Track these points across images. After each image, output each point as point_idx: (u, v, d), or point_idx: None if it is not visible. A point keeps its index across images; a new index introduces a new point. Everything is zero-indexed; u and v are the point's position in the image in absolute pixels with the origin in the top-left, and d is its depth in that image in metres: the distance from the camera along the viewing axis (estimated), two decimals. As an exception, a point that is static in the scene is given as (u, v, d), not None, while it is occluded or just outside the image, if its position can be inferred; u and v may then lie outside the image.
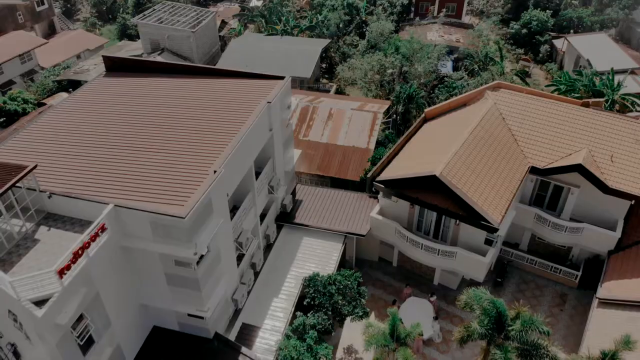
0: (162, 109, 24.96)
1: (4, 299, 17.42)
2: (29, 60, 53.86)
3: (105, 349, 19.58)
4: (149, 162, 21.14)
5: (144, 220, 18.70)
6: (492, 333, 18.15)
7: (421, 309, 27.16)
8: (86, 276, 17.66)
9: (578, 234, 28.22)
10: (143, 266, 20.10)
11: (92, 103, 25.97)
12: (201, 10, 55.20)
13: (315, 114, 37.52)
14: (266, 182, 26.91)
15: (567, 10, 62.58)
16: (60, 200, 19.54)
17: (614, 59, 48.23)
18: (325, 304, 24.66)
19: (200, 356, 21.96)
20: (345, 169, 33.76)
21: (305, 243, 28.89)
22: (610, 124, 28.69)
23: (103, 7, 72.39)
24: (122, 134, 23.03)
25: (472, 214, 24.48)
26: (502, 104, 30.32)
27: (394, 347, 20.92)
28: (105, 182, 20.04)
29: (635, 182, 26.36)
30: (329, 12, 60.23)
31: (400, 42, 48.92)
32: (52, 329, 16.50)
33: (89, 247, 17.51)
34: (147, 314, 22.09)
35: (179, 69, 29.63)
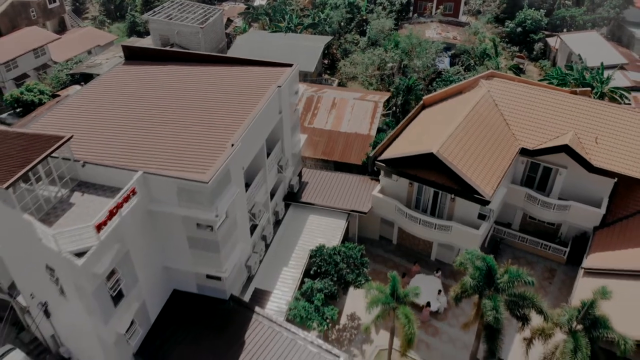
0: (182, 91, 27.07)
1: (44, 254, 19.47)
2: (42, 54, 55.95)
3: (133, 304, 21.58)
4: (173, 136, 23.23)
5: (170, 186, 20.76)
6: (483, 285, 20.20)
7: (428, 284, 29.09)
8: (119, 234, 19.67)
9: (565, 211, 30.35)
10: (167, 230, 22.10)
11: (116, 86, 28.06)
12: (209, 8, 57.37)
13: (319, 103, 39.66)
14: (275, 161, 29.01)
15: (560, 9, 64.86)
16: (92, 169, 21.59)
17: (604, 55, 50.42)
18: (331, 272, 26.73)
19: (216, 316, 23.95)
20: (348, 153, 35.87)
21: (311, 220, 30.96)
22: (595, 109, 30.88)
23: (111, 5, 74.56)
24: (147, 112, 25.14)
25: (466, 189, 26.60)
26: (495, 91, 32.49)
27: (394, 305, 22.93)
28: (133, 153, 22.10)
29: (617, 161, 28.48)
30: (331, 10, 62.48)
31: (400, 38, 51.17)
32: (90, 278, 18.50)
33: (122, 207, 19.56)
34: (168, 276, 24.08)
35: (194, 57, 31.66)
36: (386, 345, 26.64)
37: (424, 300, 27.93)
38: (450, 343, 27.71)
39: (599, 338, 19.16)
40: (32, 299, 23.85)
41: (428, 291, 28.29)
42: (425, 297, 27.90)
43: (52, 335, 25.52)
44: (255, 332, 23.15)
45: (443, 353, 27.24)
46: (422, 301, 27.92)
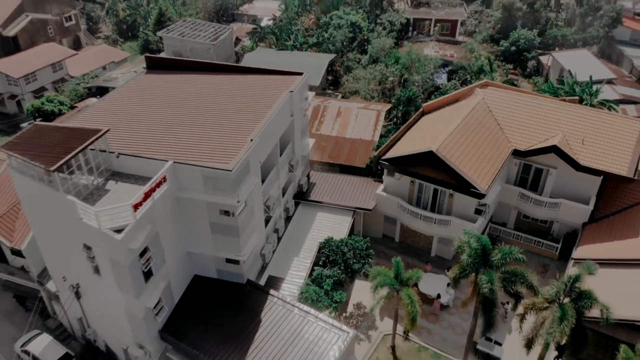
0: (202, 95, 29.64)
1: (83, 233, 21.64)
2: (60, 69, 58.84)
3: (160, 283, 23.64)
4: (198, 132, 25.68)
5: (197, 174, 23.08)
6: (479, 263, 22.31)
7: (438, 281, 31.21)
8: (151, 215, 21.89)
9: (556, 209, 32.61)
10: (192, 216, 24.30)
11: (142, 90, 30.64)
12: (219, 27, 60.61)
13: (325, 112, 42.30)
14: (287, 160, 31.41)
15: (552, 29, 68.28)
16: (126, 160, 23.93)
17: (593, 71, 53.34)
18: (339, 261, 28.87)
19: (235, 298, 25.96)
20: (353, 157, 38.28)
21: (320, 217, 33.18)
22: (582, 114, 33.47)
23: (124, 25, 78.01)
24: (173, 112, 27.64)
25: (463, 184, 28.92)
26: (489, 98, 35.11)
27: (397, 287, 25.00)
28: (162, 146, 24.47)
29: (602, 160, 30.89)
30: (334, 30, 65.75)
31: (400, 54, 54.19)
32: (126, 252, 20.64)
33: (155, 191, 21.83)
34: (190, 262, 26.16)
35: (211, 67, 34.32)
36: (390, 331, 28.63)
37: (434, 292, 30.03)
38: (450, 329, 29.64)
39: (584, 308, 21.18)
40: (64, 282, 25.87)
41: (438, 286, 30.62)
42: (436, 290, 30.10)
43: (80, 319, 27.45)
44: (270, 311, 25.15)
45: (443, 337, 29.14)
46: (433, 293, 30.03)
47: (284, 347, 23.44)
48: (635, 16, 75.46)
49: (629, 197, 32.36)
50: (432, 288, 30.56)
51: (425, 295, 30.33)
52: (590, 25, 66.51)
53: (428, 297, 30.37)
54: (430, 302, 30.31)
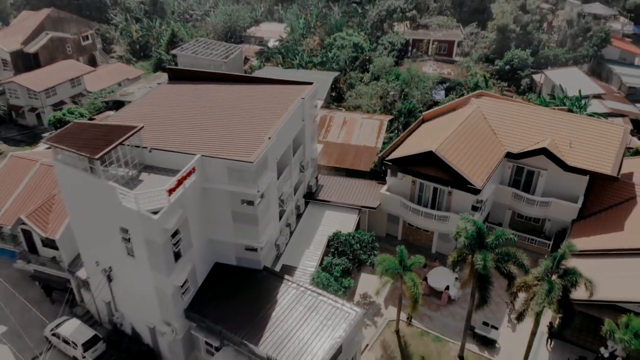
0: (223, 100, 32.55)
1: (119, 217, 24.19)
2: (78, 84, 62.08)
3: (187, 265, 26.05)
4: (221, 131, 28.50)
5: (222, 167, 25.76)
6: (475, 244, 24.79)
7: (446, 275, 33.50)
8: (182, 201, 24.48)
9: (547, 207, 35.21)
10: (216, 205, 26.86)
11: (167, 96, 33.54)
12: (230, 46, 64.22)
13: (332, 121, 45.28)
14: (298, 161, 34.16)
15: (544, 49, 71.99)
16: (157, 154, 26.66)
17: (583, 87, 56.72)
18: (347, 252, 31.36)
19: (252, 282, 28.30)
20: (358, 161, 41.06)
21: (328, 214, 35.75)
22: (569, 120, 36.42)
23: (136, 46, 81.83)
24: (197, 114, 30.53)
25: (460, 181, 31.60)
26: (484, 107, 38.10)
27: (401, 271, 27.41)
28: (190, 143, 27.21)
29: (587, 161, 33.65)
30: (338, 50, 69.37)
31: (400, 71, 57.55)
32: (161, 232, 23.17)
33: (186, 179, 24.48)
34: (212, 249, 28.58)
35: (228, 77, 37.32)
36: (394, 317, 30.89)
37: (443, 285, 32.41)
38: (450, 317, 31.90)
39: (570, 283, 23.57)
40: (96, 267, 28.24)
41: (446, 280, 33.00)
42: (444, 282, 32.52)
43: (108, 303, 29.69)
44: (285, 293, 27.48)
45: (444, 324, 31.39)
46: (442, 286, 32.38)
47: (298, 323, 25.69)
48: (624, 37, 79.72)
49: (614, 196, 35.00)
50: (441, 282, 32.87)
51: (434, 289, 32.73)
52: (581, 45, 70.24)
53: (437, 290, 32.72)
54: (438, 296, 32.65)
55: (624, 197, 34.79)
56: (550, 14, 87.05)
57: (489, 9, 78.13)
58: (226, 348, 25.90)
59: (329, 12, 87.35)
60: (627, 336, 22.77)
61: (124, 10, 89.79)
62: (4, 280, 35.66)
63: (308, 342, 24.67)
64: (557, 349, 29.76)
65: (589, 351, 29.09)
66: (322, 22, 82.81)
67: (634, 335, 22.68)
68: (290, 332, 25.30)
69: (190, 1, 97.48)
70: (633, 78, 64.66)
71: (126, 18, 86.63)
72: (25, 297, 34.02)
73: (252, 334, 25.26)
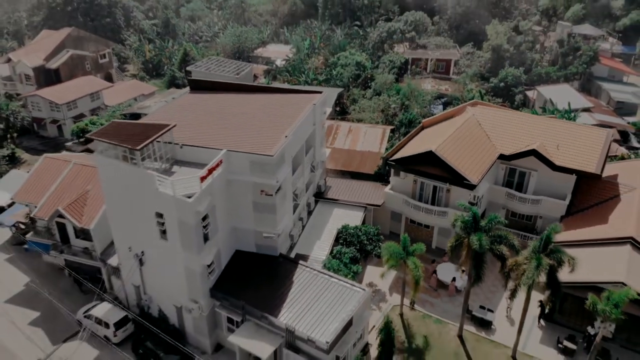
0: (243, 106, 35.97)
1: (155, 202, 27.27)
2: (97, 99, 65.85)
3: (213, 248, 29.03)
4: (242, 131, 31.82)
5: (245, 160, 28.98)
6: (470, 228, 27.81)
7: (453, 269, 36.29)
8: (211, 189, 27.62)
9: (538, 205, 38.28)
10: (239, 195, 29.96)
11: (190, 103, 36.98)
12: (241, 63, 68.10)
13: (338, 130, 48.74)
14: (310, 161, 37.39)
15: (537, 68, 76.10)
16: (187, 150, 29.90)
17: (572, 100, 60.46)
18: (354, 242, 34.36)
19: (270, 267, 31.19)
20: (363, 165, 44.31)
21: (336, 211, 38.80)
22: (557, 125, 39.89)
23: (149, 64, 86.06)
24: (219, 117, 33.94)
25: (457, 177, 34.80)
26: (479, 114, 41.56)
27: (404, 256, 30.34)
28: (216, 140, 30.48)
29: (574, 162, 36.88)
30: (342, 68, 73.40)
31: (401, 87, 61.36)
32: (194, 214, 26.27)
33: (214, 170, 27.68)
34: (234, 237, 31.55)
35: (244, 87, 40.85)
36: (399, 303, 33.67)
37: (450, 277, 35.29)
38: (450, 303, 34.68)
39: (556, 260, 26.50)
40: (129, 252, 31.16)
41: (453, 272, 35.91)
42: (451, 275, 35.44)
43: (138, 287, 32.49)
44: (300, 276, 30.36)
45: (444, 309, 34.15)
46: (449, 279, 35.24)
47: (312, 301, 28.52)
48: (614, 57, 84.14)
49: (599, 194, 38.11)
50: (448, 275, 35.72)
51: (442, 282, 35.64)
52: (571, 64, 74.36)
53: (444, 283, 35.58)
54: (446, 287, 35.49)
55: (608, 195, 37.94)
56: (542, 35, 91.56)
57: (484, 30, 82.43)
58: (247, 322, 28.67)
59: (332, 34, 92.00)
60: (608, 307, 25.55)
61: (138, 31, 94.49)
62: (34, 272, 38.63)
63: (322, 315, 27.50)
64: (548, 329, 32.48)
65: (578, 332, 31.84)
66: (326, 44, 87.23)
67: (614, 306, 25.47)
68: (305, 307, 28.13)
69: (200, 23, 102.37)
70: (621, 93, 68.57)
71: (140, 39, 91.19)
72: (55, 287, 36.94)
73: (271, 308, 28.11)
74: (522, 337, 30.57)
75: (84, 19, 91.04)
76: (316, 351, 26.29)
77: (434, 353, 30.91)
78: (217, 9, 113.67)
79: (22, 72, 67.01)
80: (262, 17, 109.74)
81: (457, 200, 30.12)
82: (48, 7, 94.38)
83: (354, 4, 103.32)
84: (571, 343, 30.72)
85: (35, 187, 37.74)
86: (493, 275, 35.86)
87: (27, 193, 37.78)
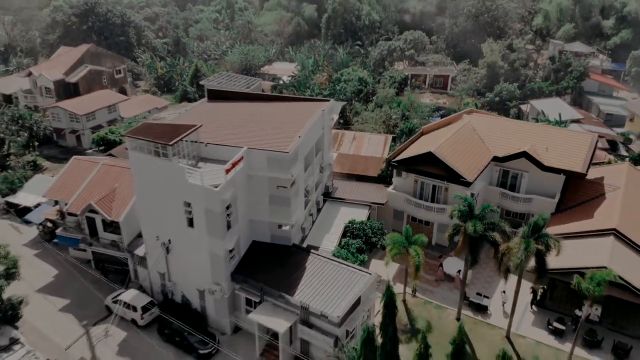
0: (258, 112, 39.42)
1: (184, 192, 30.47)
2: (113, 111, 69.54)
3: (234, 236, 32.11)
4: (260, 132, 35.18)
5: (263, 157, 32.27)
6: (466, 216, 30.96)
7: (458, 262, 38.97)
8: (234, 181, 30.84)
9: (529, 203, 41.48)
10: (257, 189, 33.17)
11: (209, 110, 40.45)
12: (250, 78, 71.91)
13: (343, 137, 52.23)
14: (319, 162, 40.71)
15: (530, 83, 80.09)
16: (211, 148, 33.20)
17: (563, 112, 64.19)
18: (360, 235, 37.46)
19: (284, 256, 34.19)
20: (367, 169, 47.64)
21: (343, 209, 41.97)
22: (546, 130, 43.33)
23: (161, 80, 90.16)
24: (237, 121, 37.33)
25: (455, 176, 38.09)
26: (474, 121, 45.09)
27: (407, 244, 33.38)
28: (237, 140, 33.79)
29: (562, 162, 40.20)
30: (345, 83, 77.34)
31: (401, 100, 65.14)
32: (220, 202, 29.46)
33: (237, 164, 30.96)
34: (251, 228, 34.64)
35: (258, 96, 44.47)
36: (402, 291, 36.57)
37: (455, 270, 38.20)
38: (449, 291, 37.61)
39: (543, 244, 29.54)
40: (156, 241, 34.19)
41: (458, 265, 38.62)
42: (456, 268, 38.32)
43: (163, 274, 35.42)
44: (312, 263, 33.38)
45: (444, 297, 37.08)
46: (454, 271, 38.16)
47: (323, 283, 31.50)
48: (603, 73, 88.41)
49: (586, 193, 41.36)
50: (453, 268, 38.62)
51: (448, 274, 38.53)
52: (562, 79, 78.38)
53: (450, 275, 38.48)
54: (452, 279, 38.41)
55: (595, 194, 41.18)
56: (535, 53, 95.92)
57: (480, 49, 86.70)
58: (265, 303, 31.58)
59: (335, 52, 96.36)
60: (591, 285, 28.51)
61: (150, 49, 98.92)
62: (62, 266, 41.58)
63: (333, 295, 30.46)
64: (540, 313, 35.35)
65: (567, 316, 34.71)
66: (329, 62, 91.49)
67: (596, 285, 28.43)
68: (317, 289, 31.10)
69: (208, 43, 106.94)
70: (609, 106, 72.46)
71: (151, 56, 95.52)
72: (82, 278, 39.82)
73: (287, 289, 31.09)
74: (515, 321, 33.52)
75: (98, 37, 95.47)
76: (329, 325, 29.19)
77: (434, 334, 33.68)
78: (224, 29, 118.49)
79: (43, 85, 70.77)
80: (267, 37, 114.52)
81: (455, 193, 33.31)
82: (64, 26, 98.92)
83: (356, 24, 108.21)
84: (560, 324, 33.58)
85: (65, 186, 40.95)
86: (489, 268, 38.96)
87: (58, 191, 40.97)
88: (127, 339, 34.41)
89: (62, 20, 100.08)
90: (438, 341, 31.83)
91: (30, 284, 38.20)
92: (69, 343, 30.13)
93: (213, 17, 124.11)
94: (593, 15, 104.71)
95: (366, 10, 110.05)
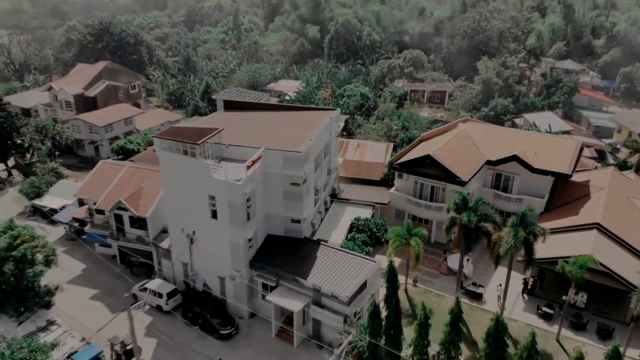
0: (271, 119, 43.37)
1: (209, 187, 34.09)
2: (130, 123, 73.62)
3: (253, 227, 35.65)
4: (274, 136, 38.97)
5: (279, 156, 36.01)
6: (461, 208, 34.52)
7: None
8: (253, 177, 34.49)
9: (521, 203, 45.05)
10: (272, 186, 36.80)
11: (226, 118, 44.33)
12: (258, 93, 76.11)
13: (348, 145, 56.15)
14: (327, 165, 44.46)
15: (524, 98, 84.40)
16: (232, 149, 36.97)
17: (553, 124, 68.26)
18: (366, 230, 40.98)
19: (296, 247, 37.64)
20: (370, 173, 51.41)
21: (349, 209, 45.58)
22: (535, 137, 47.20)
23: (172, 96, 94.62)
24: (253, 127, 41.22)
25: (451, 176, 41.79)
26: (469, 129, 49.01)
27: (408, 236, 36.85)
28: (255, 142, 37.55)
29: (550, 165, 43.93)
30: (348, 98, 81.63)
31: (402, 112, 69.28)
32: (241, 195, 33.08)
33: (256, 162, 34.69)
34: (266, 222, 38.17)
35: (270, 106, 48.48)
36: (403, 281, 39.87)
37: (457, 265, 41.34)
38: (447, 282, 40.93)
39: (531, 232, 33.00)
40: (181, 233, 37.67)
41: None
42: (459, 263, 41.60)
43: (186, 264, 38.80)
44: (321, 253, 36.81)
45: (442, 287, 40.39)
46: (456, 266, 41.33)
47: (333, 269, 34.87)
48: (594, 89, 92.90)
49: (573, 194, 45.02)
50: (457, 263, 41.69)
51: (452, 269, 41.65)
52: (554, 94, 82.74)
53: (454, 270, 41.62)
54: (455, 273, 41.66)
55: (581, 194, 44.83)
56: (528, 70, 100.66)
57: (475, 66, 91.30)
58: (280, 287, 34.93)
59: (338, 71, 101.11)
60: (574, 268, 31.90)
61: (162, 67, 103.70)
62: (89, 260, 44.96)
63: (342, 278, 33.84)
64: (530, 301, 38.62)
65: (555, 303, 37.97)
66: (332, 79, 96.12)
67: (578, 268, 31.83)
68: (328, 274, 34.49)
69: (216, 61, 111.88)
70: (598, 119, 76.66)
71: (163, 74, 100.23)
72: (108, 271, 43.19)
73: (300, 274, 34.48)
74: (507, 307, 36.82)
75: (112, 55, 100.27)
76: (339, 305, 32.53)
77: (434, 318, 36.76)
78: (231, 49, 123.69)
79: (63, 99, 75.09)
80: (273, 56, 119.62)
81: (451, 188, 37.04)
82: (80, 44, 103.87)
83: (357, 44, 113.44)
84: (549, 309, 36.84)
85: (94, 186, 44.62)
86: (484, 262, 42.39)
87: (88, 191, 44.61)
88: (153, 323, 37.61)
89: (77, 39, 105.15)
90: (437, 325, 35.05)
91: (60, 277, 41.48)
92: (99, 327, 33.39)
93: (220, 38, 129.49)
94: (584, 35, 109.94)
95: (367, 31, 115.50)
